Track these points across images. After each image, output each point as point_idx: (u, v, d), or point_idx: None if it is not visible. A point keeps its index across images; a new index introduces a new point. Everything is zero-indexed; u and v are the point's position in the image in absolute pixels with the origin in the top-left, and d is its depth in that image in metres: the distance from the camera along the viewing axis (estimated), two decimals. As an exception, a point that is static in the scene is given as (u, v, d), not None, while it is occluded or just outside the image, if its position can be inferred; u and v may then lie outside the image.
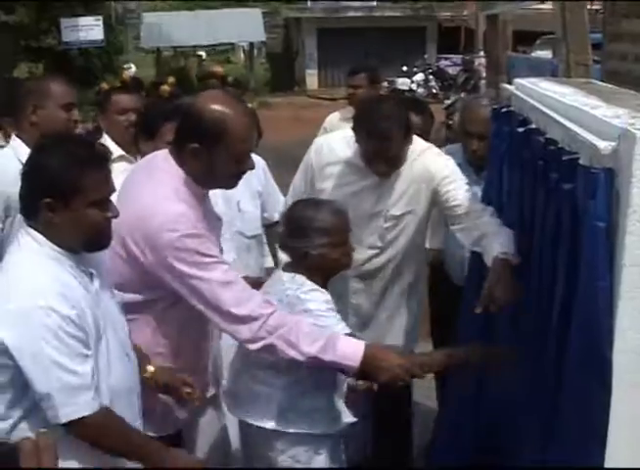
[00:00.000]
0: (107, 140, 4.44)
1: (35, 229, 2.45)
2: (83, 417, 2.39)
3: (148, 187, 2.91)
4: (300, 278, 3.01)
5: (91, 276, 2.56)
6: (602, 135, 1.98)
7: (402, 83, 23.63)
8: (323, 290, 3.02)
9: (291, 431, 3.02)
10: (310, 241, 3.00)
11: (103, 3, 24.81)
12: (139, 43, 29.90)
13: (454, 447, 3.41)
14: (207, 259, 2.77)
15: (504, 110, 3.02)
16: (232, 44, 32.11)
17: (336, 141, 3.76)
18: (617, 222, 1.88)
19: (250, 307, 2.78)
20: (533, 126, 2.62)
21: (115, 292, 2.77)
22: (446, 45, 28.92)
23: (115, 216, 2.53)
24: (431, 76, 25.79)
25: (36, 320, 2.33)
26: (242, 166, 2.88)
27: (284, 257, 3.38)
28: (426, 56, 28.06)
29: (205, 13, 29.82)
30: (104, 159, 2.55)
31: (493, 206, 3.24)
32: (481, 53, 20.12)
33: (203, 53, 21.73)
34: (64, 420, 2.37)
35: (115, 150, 4.32)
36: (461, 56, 26.39)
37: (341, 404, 3.14)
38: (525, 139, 2.61)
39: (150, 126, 3.89)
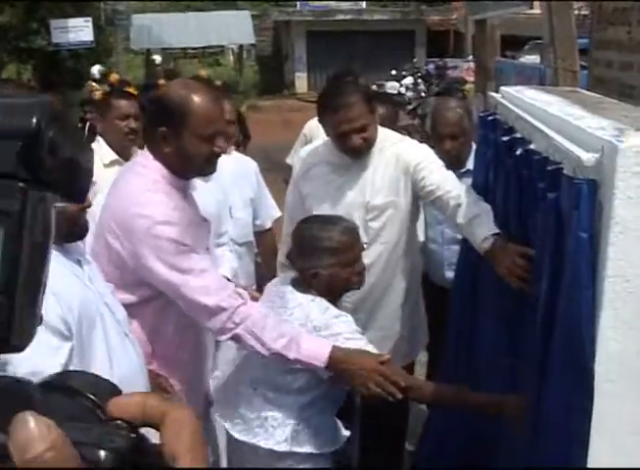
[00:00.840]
0: (100, 143, 4.44)
1: None
2: None
3: (126, 181, 2.99)
4: (322, 302, 2.96)
5: (79, 263, 2.62)
6: (586, 147, 1.99)
7: (391, 87, 23.56)
8: (345, 313, 2.99)
9: (300, 451, 2.98)
10: (320, 261, 2.97)
11: (92, 4, 24.77)
12: (129, 45, 29.85)
13: (440, 454, 3.42)
14: (181, 248, 2.81)
15: (490, 118, 3.04)
16: (222, 46, 32.11)
17: (314, 146, 3.89)
18: (600, 233, 1.89)
19: (220, 298, 2.82)
20: (518, 135, 2.63)
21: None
22: (436, 49, 28.96)
23: (88, 207, 2.56)
24: (420, 80, 25.80)
25: None
26: (212, 148, 2.90)
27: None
28: (415, 60, 28.06)
29: (194, 15, 29.88)
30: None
31: None
32: (470, 57, 20.19)
33: (157, 57, 21.06)
34: None
35: (109, 154, 4.32)
36: (450, 59, 26.43)
37: (336, 421, 3.12)
38: (510, 148, 2.63)
39: None
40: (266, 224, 4.33)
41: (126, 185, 2.98)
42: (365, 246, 3.46)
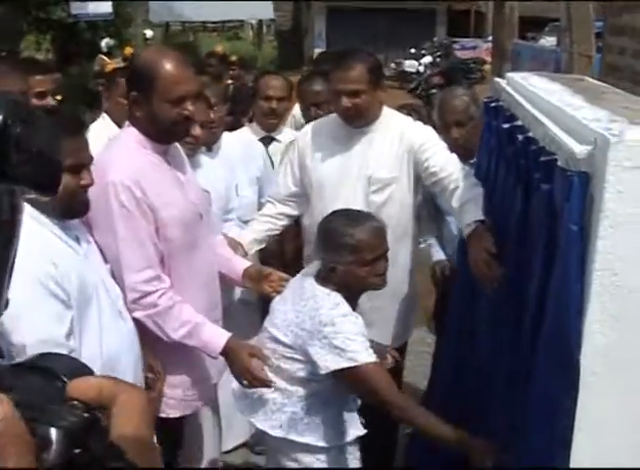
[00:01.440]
0: (106, 119, 4.45)
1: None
2: None
3: (107, 150, 3.07)
4: (336, 297, 2.95)
5: (77, 240, 2.67)
6: (580, 138, 1.98)
7: (410, 65, 23.50)
8: (356, 314, 2.97)
9: (298, 440, 3.01)
10: (338, 256, 2.96)
11: (112, -24, 24.71)
12: (148, 17, 29.78)
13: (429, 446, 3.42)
14: (125, 212, 2.85)
15: (493, 104, 3.02)
16: (241, 21, 31.99)
17: (319, 121, 3.95)
18: (590, 226, 1.88)
19: (136, 277, 2.89)
20: (519, 123, 2.62)
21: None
22: (456, 28, 28.78)
23: (90, 185, 2.62)
24: (439, 59, 25.67)
25: (19, 278, 2.37)
26: (181, 111, 2.94)
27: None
28: (435, 39, 27.92)
29: (214, -12, 29.72)
30: (80, 127, 2.66)
31: None
32: (490, 38, 20.06)
33: (149, 32, 20.73)
34: None
35: (114, 130, 4.32)
36: (469, 39, 26.27)
37: (349, 417, 3.11)
38: (509, 136, 2.62)
39: None
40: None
41: (105, 152, 3.07)
42: None
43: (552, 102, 2.37)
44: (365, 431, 3.13)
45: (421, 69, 24.37)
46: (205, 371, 3.28)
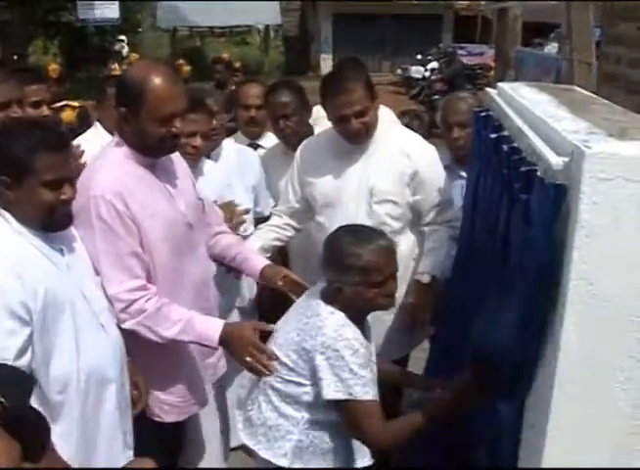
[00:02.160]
0: (98, 128, 4.50)
1: (2, 207, 2.60)
2: None
3: (93, 163, 3.14)
4: (340, 318, 2.84)
5: (61, 251, 2.70)
6: (558, 150, 2.02)
7: (416, 71, 23.47)
8: (362, 339, 2.85)
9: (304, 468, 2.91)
10: (345, 277, 2.83)
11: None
12: (155, 22, 29.91)
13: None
14: (103, 226, 2.89)
15: (483, 114, 3.06)
16: (249, 26, 32.08)
17: (314, 136, 3.98)
18: (566, 237, 1.92)
19: (119, 288, 2.92)
20: (505, 133, 2.66)
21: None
22: (463, 34, 28.80)
23: (71, 199, 2.66)
24: (444, 65, 25.68)
25: None
26: (169, 129, 2.97)
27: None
28: (441, 44, 27.93)
29: (222, -6, 29.83)
30: (61, 142, 2.67)
31: (467, 209, 3.31)
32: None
33: (123, 37, 20.36)
34: None
35: (107, 138, 4.36)
36: (475, 45, 26.27)
37: (357, 446, 2.99)
38: (496, 146, 2.66)
39: None
40: (265, 212, 4.36)
41: (88, 166, 3.15)
42: None
43: (536, 113, 2.41)
44: (373, 460, 3.04)
45: (427, 74, 24.36)
46: (197, 375, 3.32)
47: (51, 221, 2.64)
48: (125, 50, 14.90)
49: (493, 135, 2.72)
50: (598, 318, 1.92)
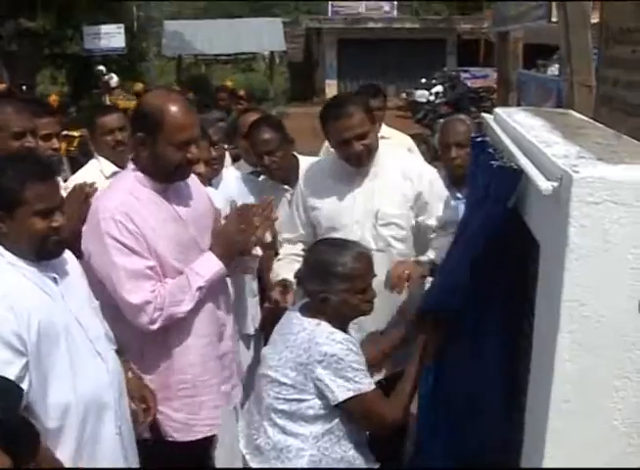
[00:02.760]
0: (100, 159, 4.56)
1: None
2: None
3: (105, 189, 3.28)
4: (327, 327, 2.94)
5: (55, 280, 2.76)
6: (548, 174, 2.06)
7: (420, 95, 23.61)
8: (351, 338, 2.98)
9: None
10: (330, 286, 2.95)
11: (125, 11, 25.04)
12: (160, 50, 30.12)
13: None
14: (117, 244, 3.01)
15: (479, 139, 3.10)
16: (254, 53, 32.28)
17: (315, 162, 4.08)
18: (557, 260, 1.96)
19: (143, 295, 3.03)
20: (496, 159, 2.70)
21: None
22: (466, 57, 28.93)
23: (61, 226, 2.72)
24: (449, 89, 25.78)
25: None
26: (185, 155, 3.08)
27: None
28: (445, 68, 28.07)
29: (226, 21, 30.11)
30: (49, 172, 2.76)
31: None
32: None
33: (102, 68, 20.53)
34: None
35: (108, 167, 4.43)
36: (479, 69, 26.36)
37: (363, 451, 3.06)
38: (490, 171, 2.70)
39: None
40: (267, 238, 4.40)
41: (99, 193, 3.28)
42: (374, 253, 3.44)
43: (528, 138, 2.46)
44: (379, 464, 3.11)
45: (432, 98, 24.49)
46: (210, 396, 3.36)
47: (43, 249, 2.71)
48: (114, 80, 15.12)
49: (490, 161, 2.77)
50: (591, 339, 1.96)
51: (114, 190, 3.18)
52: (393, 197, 3.74)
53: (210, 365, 3.32)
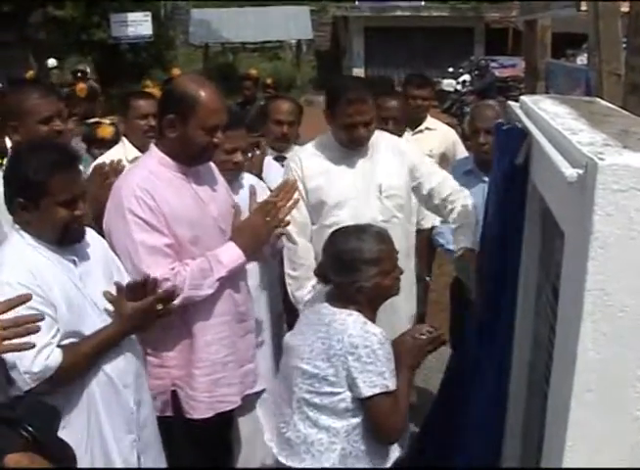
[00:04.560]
0: (125, 143, 4.59)
1: (17, 224, 2.74)
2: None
3: (128, 170, 3.38)
4: (359, 317, 2.92)
5: (74, 263, 2.82)
6: (573, 162, 2.04)
7: (448, 84, 23.52)
8: (384, 333, 2.93)
9: None
10: (362, 274, 2.94)
11: (152, -1, 25.10)
12: (187, 38, 30.15)
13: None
14: (138, 220, 3.08)
15: (504, 127, 3.08)
16: (281, 41, 32.24)
17: (307, 147, 4.12)
18: (581, 248, 1.94)
19: (162, 271, 3.08)
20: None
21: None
22: (494, 46, 28.71)
23: (84, 214, 2.80)
24: (475, 78, 25.61)
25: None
26: (211, 139, 3.18)
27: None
28: (472, 57, 27.89)
29: (253, 9, 30.01)
30: (72, 161, 2.81)
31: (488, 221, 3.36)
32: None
33: (52, 61, 20.23)
34: (27, 388, 2.63)
35: (132, 152, 4.46)
36: (507, 57, 26.17)
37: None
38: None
39: None
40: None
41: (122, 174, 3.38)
42: (381, 224, 3.54)
43: (554, 125, 2.43)
44: (402, 450, 3.10)
45: (459, 87, 24.37)
46: (227, 374, 3.41)
47: (65, 237, 2.78)
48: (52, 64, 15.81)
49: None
50: (614, 329, 1.93)
51: (136, 169, 3.27)
52: (391, 170, 3.91)
53: (227, 344, 3.38)
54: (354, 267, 2.95)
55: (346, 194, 3.87)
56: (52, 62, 16.64)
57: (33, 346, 2.24)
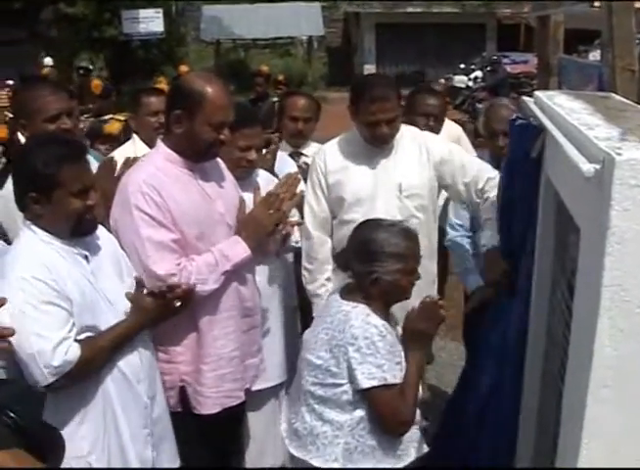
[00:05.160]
0: (135, 140, 4.59)
1: (29, 220, 2.74)
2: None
3: (135, 166, 3.35)
4: (365, 309, 2.92)
5: (86, 258, 2.82)
6: (590, 157, 2.03)
7: (459, 81, 23.46)
8: (387, 325, 2.93)
9: None
10: (383, 266, 2.92)
11: (164, -4, 25.08)
12: (199, 35, 30.16)
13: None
14: (144, 216, 3.08)
15: (518, 122, 3.07)
16: (292, 38, 32.23)
17: (331, 144, 4.11)
18: (598, 243, 1.93)
19: (168, 266, 3.08)
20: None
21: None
22: (506, 43, 28.62)
23: (96, 204, 2.81)
24: (489, 74, 25.53)
25: (16, 289, 2.58)
26: (219, 135, 3.17)
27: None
28: (484, 53, 27.80)
29: (264, 6, 29.99)
30: (80, 152, 2.82)
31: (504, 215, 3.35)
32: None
33: (48, 60, 20.12)
34: (45, 383, 2.62)
35: (142, 149, 4.45)
36: (519, 54, 26.08)
37: (409, 437, 3.01)
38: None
39: None
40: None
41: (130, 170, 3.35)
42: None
43: (569, 121, 2.42)
44: (428, 449, 3.08)
45: (470, 84, 24.31)
46: (232, 369, 3.41)
47: (79, 228, 2.79)
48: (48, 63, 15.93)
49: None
50: (631, 325, 1.92)
51: (143, 165, 3.27)
52: (413, 168, 3.88)
53: (233, 338, 3.38)
54: (377, 258, 2.94)
55: (365, 191, 3.87)
56: (47, 60, 16.67)
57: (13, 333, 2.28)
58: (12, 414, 0.93)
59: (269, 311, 3.83)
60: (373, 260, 2.93)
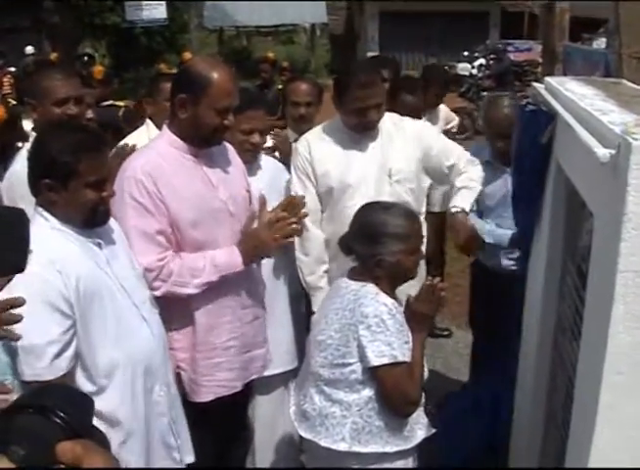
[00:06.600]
0: (149, 125, 4.57)
1: (41, 206, 2.70)
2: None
3: (138, 151, 3.36)
4: (372, 288, 2.94)
5: (99, 246, 2.80)
6: (605, 142, 2.02)
7: (463, 68, 23.38)
8: (396, 304, 2.96)
9: (364, 451, 2.94)
10: (386, 247, 2.94)
11: (167, -18, 24.99)
12: (202, 22, 30.06)
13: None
14: (135, 204, 3.08)
15: (528, 108, 3.05)
16: (295, 25, 32.11)
17: (314, 133, 4.07)
18: (613, 229, 1.91)
19: (149, 259, 3.08)
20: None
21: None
22: (510, 30, 28.52)
23: (112, 196, 2.79)
24: (492, 62, 25.47)
25: (20, 284, 2.53)
26: (223, 120, 3.15)
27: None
28: (488, 41, 27.72)
29: (267, -7, 29.85)
30: (100, 143, 2.79)
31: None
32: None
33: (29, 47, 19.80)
34: (26, 379, 2.56)
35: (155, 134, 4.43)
36: (524, 41, 26.01)
37: (415, 419, 3.03)
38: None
39: None
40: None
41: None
42: None
43: (583, 106, 2.40)
44: (434, 430, 3.09)
45: (474, 71, 24.24)
46: (226, 357, 3.40)
47: (93, 219, 2.76)
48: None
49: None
50: (646, 310, 1.91)
51: (145, 150, 3.29)
52: (400, 154, 3.87)
53: (230, 328, 3.37)
54: (379, 240, 2.95)
55: (356, 178, 3.84)
56: (29, 49, 16.59)
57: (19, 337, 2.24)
58: (62, 414, 0.93)
59: (275, 299, 3.82)
60: (375, 243, 2.95)
